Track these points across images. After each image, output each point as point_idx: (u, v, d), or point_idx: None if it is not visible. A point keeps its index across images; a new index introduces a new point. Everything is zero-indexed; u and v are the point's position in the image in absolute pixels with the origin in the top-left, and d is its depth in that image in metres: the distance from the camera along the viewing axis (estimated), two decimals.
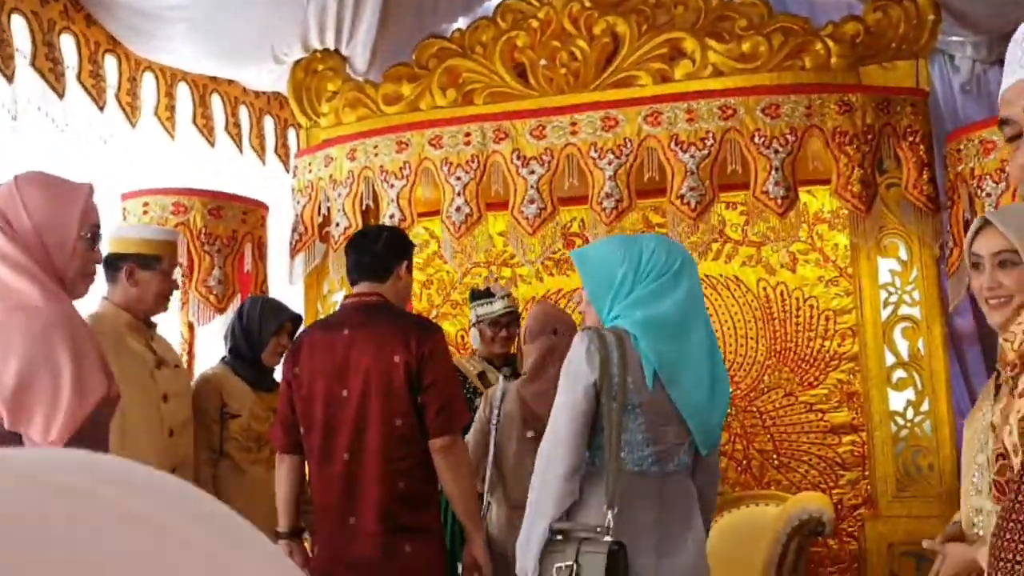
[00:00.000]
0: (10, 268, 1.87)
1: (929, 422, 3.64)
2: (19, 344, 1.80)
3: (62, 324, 1.84)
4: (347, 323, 2.69)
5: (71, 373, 1.80)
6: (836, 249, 4.56)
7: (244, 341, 3.21)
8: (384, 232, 2.88)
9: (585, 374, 2.14)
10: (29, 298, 1.86)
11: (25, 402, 1.79)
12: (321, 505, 2.66)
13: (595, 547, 2.06)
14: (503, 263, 4.87)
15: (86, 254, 1.98)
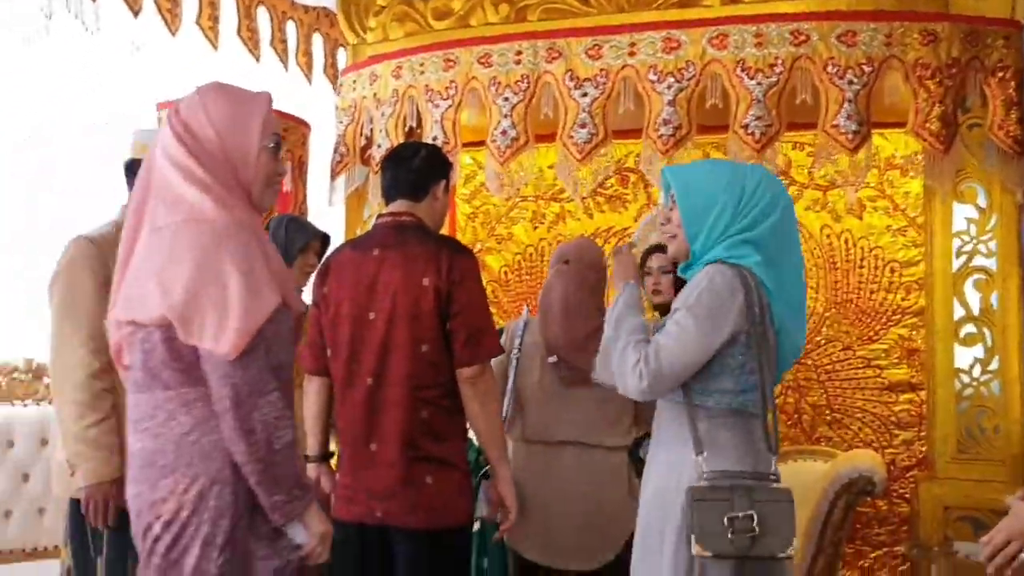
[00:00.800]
0: (185, 179, 1.86)
1: (997, 381, 3.40)
2: (188, 257, 1.81)
3: (232, 236, 1.83)
4: (378, 243, 2.54)
5: (240, 285, 1.79)
6: (907, 197, 4.29)
7: None
8: (423, 149, 2.72)
9: (728, 317, 2.05)
10: (200, 210, 1.85)
11: (194, 314, 1.79)
12: (344, 430, 2.55)
13: (773, 495, 1.96)
14: (551, 198, 4.68)
15: (269, 164, 1.95)
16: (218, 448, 1.82)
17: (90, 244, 2.58)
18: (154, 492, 1.84)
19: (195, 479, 1.81)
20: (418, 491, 2.44)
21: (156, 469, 1.84)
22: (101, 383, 2.49)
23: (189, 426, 1.83)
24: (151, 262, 1.85)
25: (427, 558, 2.45)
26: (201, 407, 1.83)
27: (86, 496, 2.45)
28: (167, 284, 1.81)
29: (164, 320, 1.81)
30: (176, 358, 1.82)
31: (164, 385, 1.84)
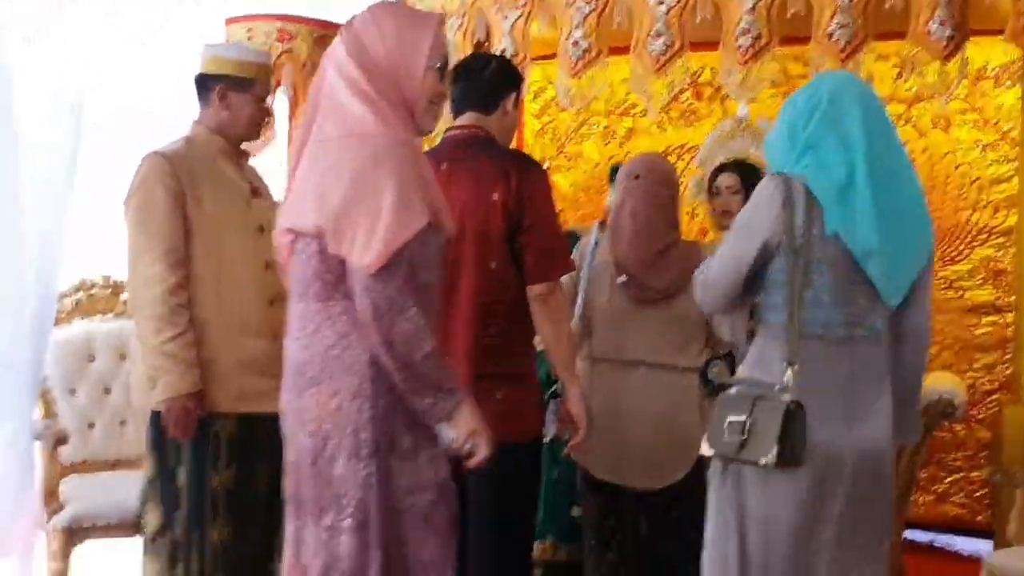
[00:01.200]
0: (353, 93, 1.88)
1: None
2: (347, 170, 1.84)
3: (391, 153, 1.85)
4: (446, 157, 2.49)
5: (393, 200, 1.80)
6: (999, 110, 4.10)
7: None
8: (494, 60, 2.64)
9: (762, 226, 2.01)
10: (363, 124, 1.87)
11: (346, 226, 1.82)
12: None
13: (771, 404, 1.97)
14: (622, 113, 4.57)
15: (434, 85, 1.96)
16: (359, 363, 1.86)
17: (163, 160, 2.58)
18: (301, 401, 1.91)
19: (336, 392, 1.86)
20: (488, 406, 2.41)
21: (304, 379, 1.91)
22: (177, 298, 2.51)
23: (333, 339, 1.88)
24: (312, 173, 1.89)
25: (498, 472, 2.45)
26: (345, 321, 1.87)
27: (165, 409, 2.50)
28: (324, 195, 1.84)
29: (320, 231, 1.85)
30: (327, 269, 1.87)
31: (315, 296, 1.90)
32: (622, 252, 2.84)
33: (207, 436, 2.57)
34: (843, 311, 2.02)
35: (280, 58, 3.72)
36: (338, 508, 1.85)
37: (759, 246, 2.02)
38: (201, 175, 2.62)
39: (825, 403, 2.00)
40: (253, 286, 2.68)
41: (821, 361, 2.02)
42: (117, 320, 3.34)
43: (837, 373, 2.03)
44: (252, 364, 2.65)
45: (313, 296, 1.89)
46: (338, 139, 1.88)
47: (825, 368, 2.02)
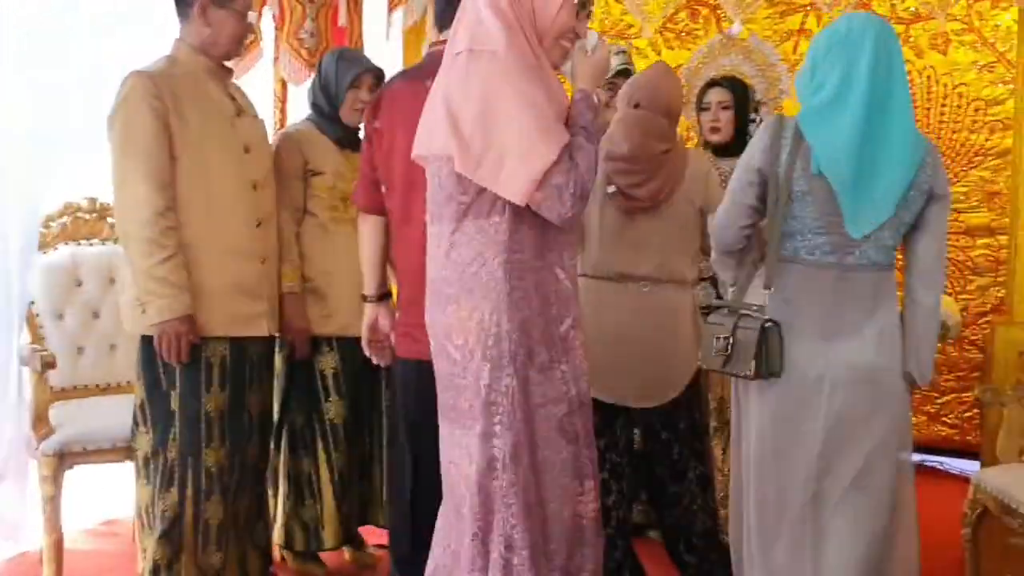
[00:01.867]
0: (493, 12, 1.89)
1: None
2: (477, 90, 1.84)
3: (523, 74, 1.83)
4: (430, 73, 2.41)
5: (520, 129, 1.81)
6: (997, 31, 4.03)
7: (323, 96, 2.99)
8: None
9: (753, 160, 2.15)
10: (496, 41, 1.87)
11: (475, 149, 1.84)
12: (401, 268, 2.51)
13: (750, 323, 2.14)
14: (618, 34, 4.48)
15: (567, 19, 1.94)
16: (494, 279, 1.91)
17: (147, 79, 2.50)
18: (445, 316, 1.97)
19: (475, 307, 1.92)
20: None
21: (444, 297, 1.97)
22: (166, 220, 2.47)
23: (469, 258, 1.93)
24: (444, 89, 1.91)
25: None
26: (480, 240, 1.91)
27: (158, 332, 2.48)
28: (455, 117, 1.86)
29: (448, 150, 1.88)
30: (462, 191, 1.90)
31: (449, 218, 1.94)
32: (616, 169, 2.80)
33: (199, 359, 2.56)
34: (829, 239, 2.11)
35: None
36: (488, 415, 1.93)
37: (754, 175, 2.14)
38: (185, 94, 2.56)
39: (806, 323, 2.13)
40: (240, 207, 2.64)
41: (804, 284, 2.14)
42: (104, 244, 3.29)
43: (821, 296, 2.13)
44: (242, 287, 2.63)
45: (448, 217, 1.94)
46: (470, 53, 1.88)
47: (808, 291, 2.14)
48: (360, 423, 3.02)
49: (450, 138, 1.85)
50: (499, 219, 1.89)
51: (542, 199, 1.81)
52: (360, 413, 3.02)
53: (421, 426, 2.50)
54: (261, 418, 2.76)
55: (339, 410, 2.96)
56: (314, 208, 2.95)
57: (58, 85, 3.28)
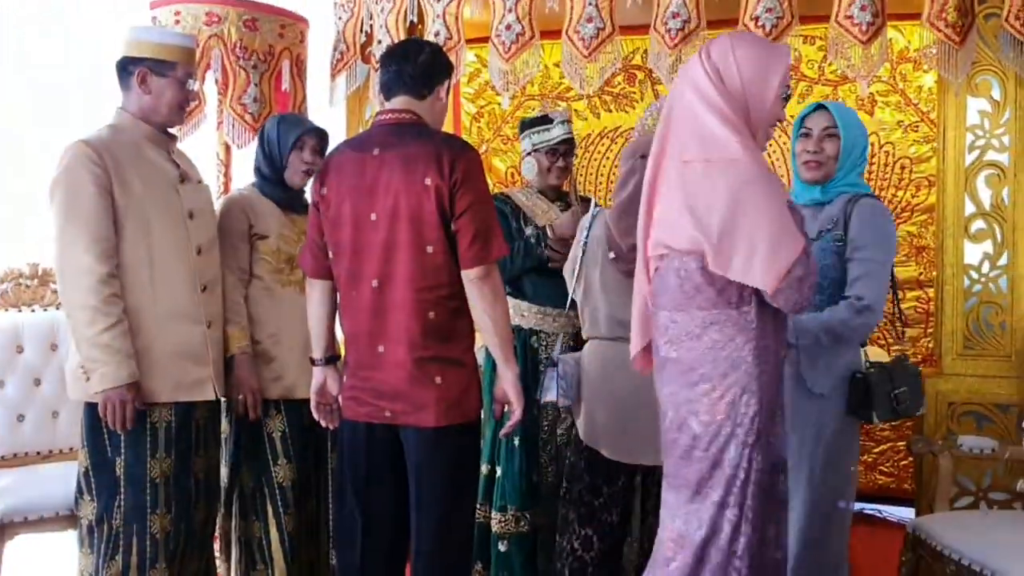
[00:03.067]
0: (718, 119, 2.03)
1: (1006, 277, 3.39)
2: (723, 194, 1.99)
3: (761, 178, 2.01)
4: (378, 142, 2.48)
5: (768, 228, 1.97)
6: (920, 92, 4.22)
7: (266, 160, 3.03)
8: (428, 46, 2.63)
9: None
10: (730, 150, 2.02)
11: (727, 248, 2.00)
12: (350, 332, 2.54)
13: None
14: (558, 96, 4.60)
15: (778, 112, 2.12)
16: (745, 362, 2.06)
17: (87, 147, 2.53)
18: (691, 394, 2.10)
19: (728, 389, 2.06)
20: (426, 390, 2.44)
21: (695, 375, 2.09)
22: (110, 287, 2.48)
23: (723, 343, 2.07)
24: (683, 193, 2.05)
25: (437, 455, 2.47)
26: (732, 327, 2.07)
27: (103, 400, 2.47)
28: (702, 217, 2.02)
29: (697, 248, 2.04)
30: (710, 282, 2.05)
31: (699, 306, 2.08)
32: (624, 228, 2.85)
33: (144, 426, 2.55)
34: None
35: (209, 41, 3.67)
36: (726, 487, 2.07)
37: None
38: (127, 161, 2.58)
39: None
40: (185, 272, 2.66)
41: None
42: (45, 311, 3.28)
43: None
44: (187, 352, 2.64)
45: (696, 306, 2.09)
46: (705, 163, 2.04)
47: None
48: (308, 485, 3.02)
49: (700, 239, 2.02)
50: (748, 308, 2.06)
51: (784, 289, 1.99)
52: (308, 475, 3.02)
53: (370, 487, 2.53)
54: (207, 483, 2.76)
55: (288, 473, 2.96)
56: (260, 271, 2.98)
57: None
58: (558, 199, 3.48)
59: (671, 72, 3.30)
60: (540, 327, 3.38)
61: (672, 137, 2.11)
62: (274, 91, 3.80)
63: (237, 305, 2.89)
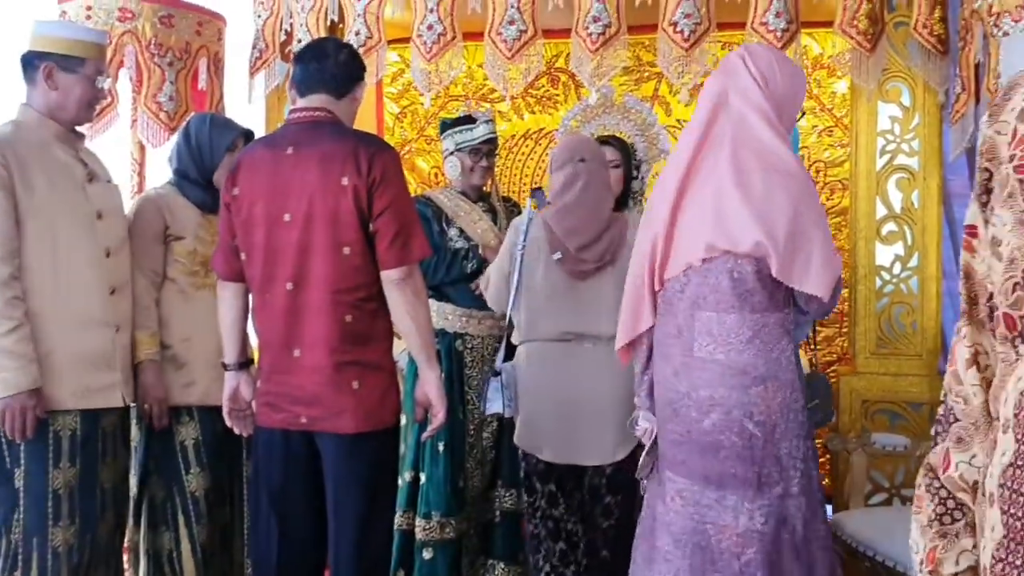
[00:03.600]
0: (771, 130, 2.16)
1: (916, 279, 3.49)
2: (786, 204, 2.12)
3: (813, 193, 2.18)
4: (291, 141, 2.43)
5: (823, 240, 2.13)
6: (834, 98, 4.31)
7: (193, 161, 2.95)
8: (346, 46, 2.60)
9: None
10: (784, 161, 2.16)
11: (790, 256, 2.11)
12: (264, 336, 2.49)
13: None
14: (482, 97, 4.58)
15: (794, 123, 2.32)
16: (791, 362, 2.20)
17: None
18: (745, 396, 2.16)
19: (779, 388, 2.16)
20: (344, 396, 2.40)
21: (747, 378, 2.16)
22: (11, 290, 2.39)
23: (772, 344, 2.18)
24: (746, 199, 2.14)
25: (354, 462, 2.43)
26: (779, 330, 2.19)
27: (2, 408, 2.38)
28: (766, 225, 2.11)
29: (757, 253, 2.13)
30: (764, 286, 2.15)
31: (752, 308, 2.17)
32: (570, 228, 2.86)
33: (46, 434, 2.46)
34: None
35: (123, 38, 3.57)
36: (787, 479, 2.18)
37: None
38: (31, 160, 2.50)
39: None
40: (92, 274, 2.58)
41: None
42: None
43: None
44: (94, 357, 2.56)
45: (750, 308, 2.17)
46: (764, 172, 2.14)
47: None
48: (222, 494, 2.95)
49: (766, 245, 2.12)
50: (789, 311, 2.21)
51: (830, 296, 2.15)
52: (222, 483, 2.95)
53: (286, 495, 2.48)
54: (115, 492, 2.67)
55: (201, 481, 2.88)
56: (173, 274, 2.90)
57: None
58: (480, 200, 3.47)
59: (593, 75, 3.31)
60: (465, 330, 3.36)
61: (717, 143, 2.19)
62: (191, 89, 3.72)
63: (148, 309, 2.81)
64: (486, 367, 3.32)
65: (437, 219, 3.36)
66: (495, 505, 3.37)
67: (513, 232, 3.01)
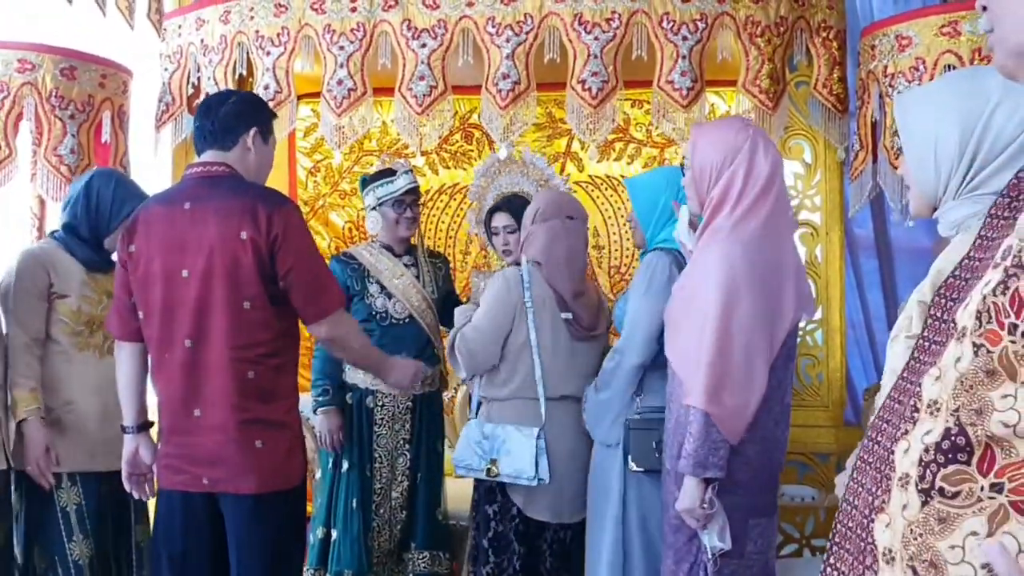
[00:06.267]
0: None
1: (821, 331, 3.56)
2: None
3: None
4: (188, 196, 2.38)
5: None
6: None
7: (88, 219, 2.86)
8: (232, 96, 2.55)
9: (666, 293, 2.46)
10: None
11: None
12: (164, 396, 2.41)
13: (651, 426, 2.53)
14: (396, 153, 4.57)
15: None
16: None
17: None
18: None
19: None
20: (247, 455, 2.33)
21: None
22: None
23: None
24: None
25: (258, 524, 2.36)
26: None
27: None
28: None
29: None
30: None
31: None
32: (564, 288, 2.90)
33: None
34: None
35: (22, 89, 3.48)
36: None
37: None
38: None
39: None
40: None
41: None
42: None
43: None
44: None
45: None
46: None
47: None
48: (107, 562, 2.82)
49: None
50: None
51: None
52: (106, 551, 2.82)
53: (187, 560, 2.38)
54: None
55: (84, 550, 2.75)
56: (56, 334, 2.79)
57: None
58: (405, 253, 3.43)
59: (504, 132, 3.33)
60: (376, 387, 3.31)
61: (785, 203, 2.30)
62: (94, 142, 3.62)
63: (28, 367, 2.70)
64: (396, 425, 3.30)
65: (358, 278, 3.32)
66: (408, 568, 3.31)
67: (507, 288, 2.95)
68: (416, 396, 3.31)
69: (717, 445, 2.14)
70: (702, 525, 2.19)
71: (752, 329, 2.16)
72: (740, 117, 2.94)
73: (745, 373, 2.15)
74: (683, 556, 2.27)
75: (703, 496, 2.16)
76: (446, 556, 3.31)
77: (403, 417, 3.30)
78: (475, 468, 2.91)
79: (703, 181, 2.29)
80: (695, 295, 2.24)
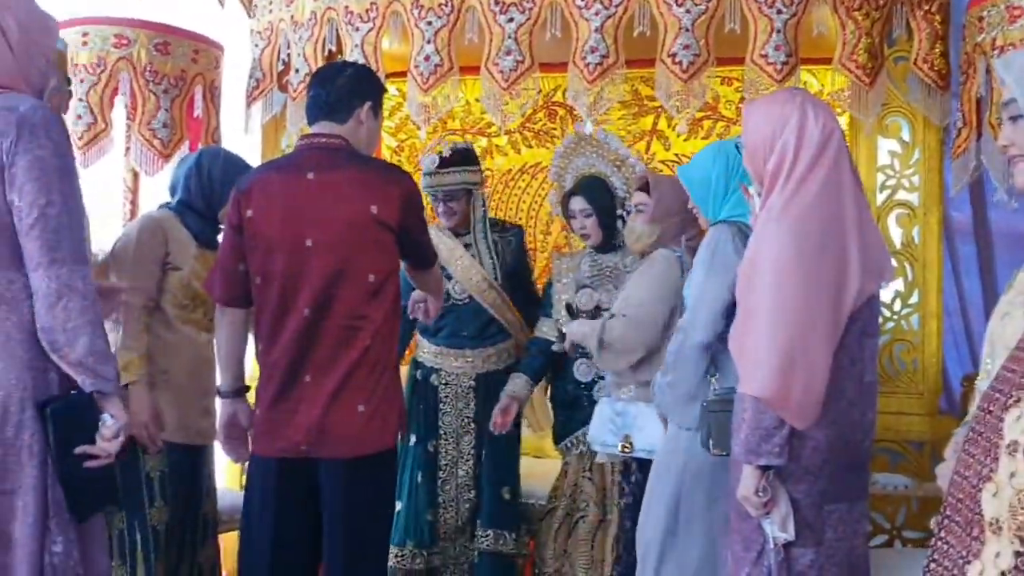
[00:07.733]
0: None
1: (917, 316, 3.45)
2: None
3: None
4: (309, 166, 2.40)
5: None
6: None
7: (202, 194, 2.89)
8: (349, 68, 2.58)
9: (732, 266, 2.30)
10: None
11: None
12: (271, 362, 2.42)
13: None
14: (479, 132, 4.57)
15: None
16: None
17: None
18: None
19: None
20: (349, 421, 2.36)
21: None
22: None
23: None
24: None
25: (354, 488, 2.39)
26: None
27: None
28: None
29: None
30: None
31: None
32: None
33: None
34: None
35: (118, 64, 3.56)
36: None
37: None
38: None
39: None
40: None
41: None
42: None
43: None
44: None
45: None
46: None
47: None
48: (179, 529, 2.88)
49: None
50: None
51: None
52: (180, 519, 2.88)
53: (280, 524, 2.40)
54: None
55: (163, 515, 2.81)
56: (163, 303, 2.83)
57: None
58: (467, 233, 3.46)
59: (591, 108, 3.29)
60: (440, 366, 3.38)
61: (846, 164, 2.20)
62: (186, 117, 3.69)
63: (140, 332, 2.75)
64: (460, 404, 3.35)
65: None
66: (475, 544, 3.34)
67: (672, 271, 2.92)
68: (479, 374, 3.35)
69: (770, 432, 2.04)
70: (763, 513, 2.12)
71: (807, 309, 2.04)
72: (789, 88, 2.79)
73: (802, 355, 2.03)
74: (751, 544, 2.18)
75: (758, 484, 2.09)
76: (511, 535, 3.31)
77: (466, 396, 3.35)
78: (610, 444, 2.90)
79: (757, 157, 2.20)
80: (748, 277, 2.16)
